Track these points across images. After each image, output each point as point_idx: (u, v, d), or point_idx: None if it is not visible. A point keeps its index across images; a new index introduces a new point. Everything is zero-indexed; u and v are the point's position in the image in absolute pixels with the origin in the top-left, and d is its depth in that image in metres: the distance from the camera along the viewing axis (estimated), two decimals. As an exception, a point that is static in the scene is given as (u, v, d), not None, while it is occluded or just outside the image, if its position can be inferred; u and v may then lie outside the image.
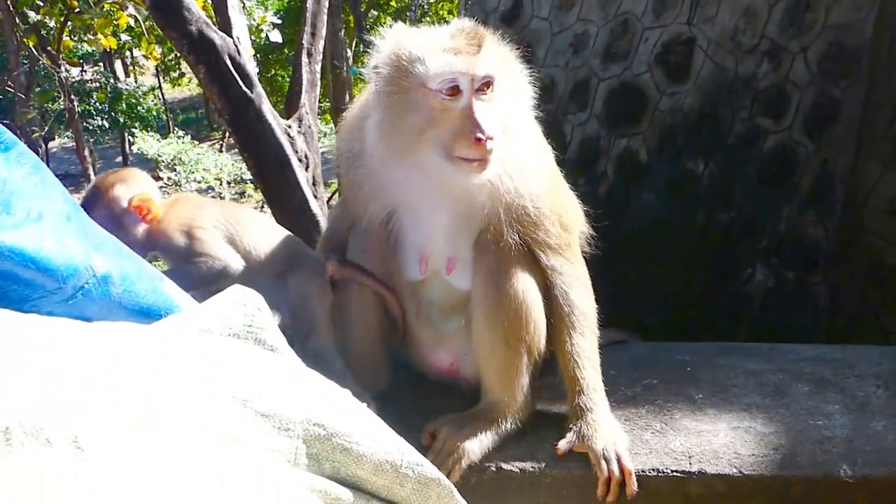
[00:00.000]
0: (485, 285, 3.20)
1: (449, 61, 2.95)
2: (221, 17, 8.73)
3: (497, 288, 3.17)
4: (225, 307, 2.23)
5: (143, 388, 1.81)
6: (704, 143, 6.34)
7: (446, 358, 3.52)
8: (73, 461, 1.55)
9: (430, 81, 2.95)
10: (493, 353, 3.22)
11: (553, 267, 3.29)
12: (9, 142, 2.24)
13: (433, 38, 3.05)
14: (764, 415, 3.26)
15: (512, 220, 3.19)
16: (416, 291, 3.44)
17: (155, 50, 15.89)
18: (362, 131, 3.26)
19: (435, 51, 2.98)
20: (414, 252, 3.35)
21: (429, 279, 3.37)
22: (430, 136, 3.00)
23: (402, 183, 3.23)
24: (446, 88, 2.95)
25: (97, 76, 29.76)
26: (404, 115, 3.01)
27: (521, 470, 3.14)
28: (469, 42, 2.99)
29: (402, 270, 3.41)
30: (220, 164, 26.08)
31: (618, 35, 6.87)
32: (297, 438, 1.95)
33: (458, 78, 2.95)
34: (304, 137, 9.08)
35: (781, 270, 6.17)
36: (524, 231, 3.22)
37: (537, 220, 3.24)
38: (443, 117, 2.98)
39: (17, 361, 1.73)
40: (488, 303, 3.19)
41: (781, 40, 6.13)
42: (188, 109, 43.49)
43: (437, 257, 3.32)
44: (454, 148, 2.99)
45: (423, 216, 3.29)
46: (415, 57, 2.98)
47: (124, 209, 3.37)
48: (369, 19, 29.48)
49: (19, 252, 1.97)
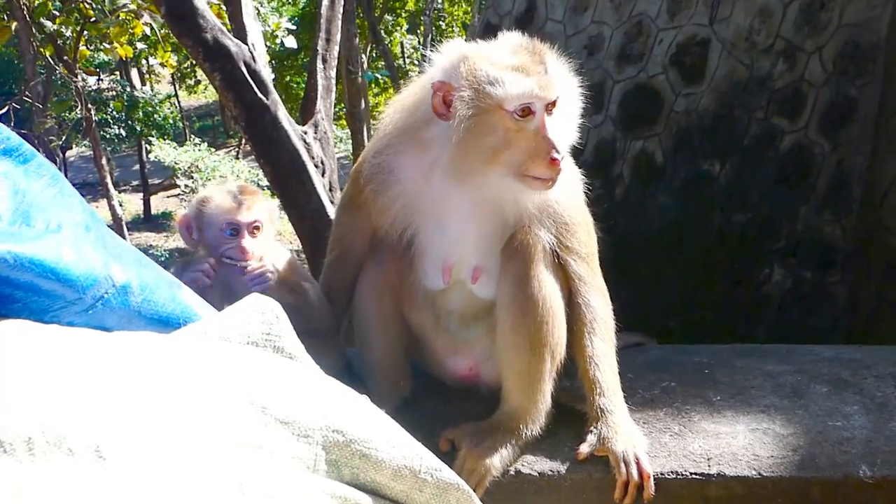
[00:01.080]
0: (511, 290, 3.19)
1: (526, 84, 2.94)
2: (236, 24, 8.77)
3: (524, 293, 3.16)
4: (243, 316, 2.25)
5: (162, 396, 1.83)
6: (720, 144, 6.33)
7: (465, 364, 3.52)
8: (95, 470, 1.56)
9: (506, 103, 2.93)
10: (517, 358, 3.21)
11: (580, 275, 3.29)
12: (27, 153, 2.26)
13: (500, 57, 3.01)
14: (782, 416, 3.26)
15: (550, 227, 3.21)
16: (436, 301, 3.42)
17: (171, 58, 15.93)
18: (401, 146, 3.26)
19: (508, 71, 2.96)
20: (436, 262, 3.33)
21: (450, 289, 3.36)
22: (504, 157, 2.98)
23: (437, 197, 3.22)
24: (520, 109, 2.95)
25: (114, 85, 29.85)
26: (480, 137, 2.97)
27: (540, 473, 3.14)
28: (535, 60, 2.99)
29: (421, 280, 3.40)
30: (237, 170, 26.14)
31: (632, 37, 6.86)
32: (317, 445, 1.96)
33: (534, 100, 2.95)
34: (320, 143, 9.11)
35: (799, 271, 6.15)
36: (559, 238, 3.23)
37: (573, 228, 3.26)
38: (518, 138, 2.97)
39: (39, 372, 1.74)
40: (515, 307, 3.19)
41: (796, 40, 6.12)
42: (204, 117, 43.60)
43: (462, 267, 3.31)
44: (529, 168, 2.99)
45: (450, 227, 3.27)
46: (491, 78, 2.95)
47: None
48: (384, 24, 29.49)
49: (39, 263, 1.98)
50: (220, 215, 3.43)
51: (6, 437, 1.49)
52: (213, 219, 3.43)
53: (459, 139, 2.98)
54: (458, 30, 31.07)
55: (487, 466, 3.12)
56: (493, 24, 7.71)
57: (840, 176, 5.98)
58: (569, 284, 3.31)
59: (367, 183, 3.34)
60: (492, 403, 3.34)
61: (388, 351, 3.52)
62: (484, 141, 2.98)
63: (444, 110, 3.03)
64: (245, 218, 3.43)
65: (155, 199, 32.40)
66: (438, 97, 3.03)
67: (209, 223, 3.44)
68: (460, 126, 2.96)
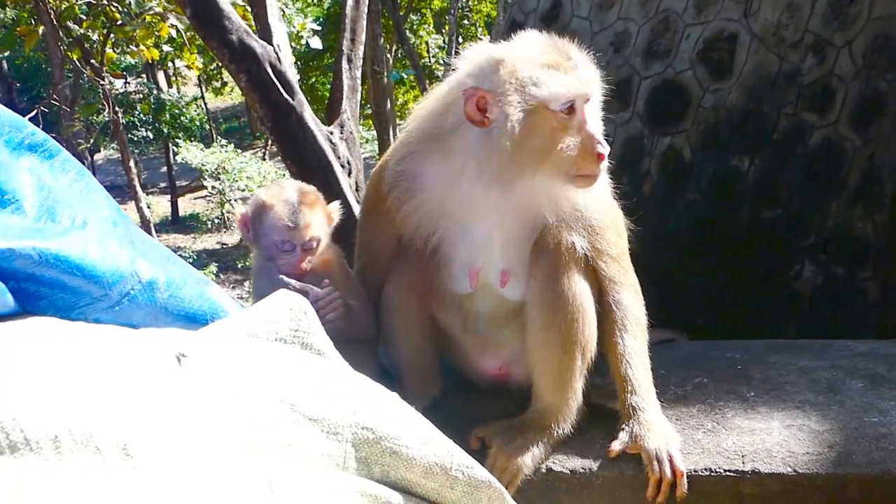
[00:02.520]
0: (541, 288, 3.17)
1: (567, 81, 2.94)
2: (261, 25, 8.78)
3: (554, 291, 3.14)
4: (271, 312, 2.24)
5: (190, 394, 1.81)
6: (749, 140, 6.27)
7: (495, 363, 3.51)
8: (122, 468, 1.55)
9: (552, 103, 2.92)
10: (548, 356, 3.19)
11: (610, 275, 3.29)
12: (52, 149, 2.26)
13: (534, 57, 3.00)
14: (818, 412, 3.22)
15: (578, 229, 3.20)
16: (463, 304, 3.41)
17: (197, 60, 16.02)
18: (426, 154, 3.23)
19: (546, 70, 2.95)
20: (462, 267, 3.31)
21: (477, 292, 3.34)
22: (554, 157, 2.97)
23: (463, 203, 3.20)
24: (566, 108, 2.94)
25: (140, 87, 30.04)
26: (529, 140, 2.95)
27: (572, 471, 3.12)
28: (565, 57, 3.00)
29: (448, 284, 3.38)
30: (264, 171, 26.23)
31: (659, 33, 6.82)
32: (346, 442, 1.95)
33: (577, 97, 2.95)
34: (346, 143, 9.11)
35: (830, 267, 6.09)
36: (588, 240, 3.22)
37: (601, 229, 3.25)
38: (563, 136, 2.96)
39: (65, 370, 1.73)
40: (545, 306, 3.17)
41: (825, 34, 6.05)
42: (231, 118, 43.81)
43: (490, 271, 3.29)
44: (578, 166, 3.00)
45: (476, 232, 3.25)
46: (534, 79, 2.94)
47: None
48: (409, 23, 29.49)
49: (65, 259, 1.98)
50: (276, 232, 3.38)
51: (33, 436, 1.48)
52: (269, 231, 3.39)
53: (509, 144, 2.94)
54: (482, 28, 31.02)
55: (519, 465, 3.10)
56: (518, 21, 7.68)
57: (871, 171, 5.91)
58: (599, 282, 3.29)
59: (390, 190, 3.30)
60: (522, 401, 3.32)
61: (416, 350, 3.51)
62: (533, 143, 2.96)
63: (479, 117, 3.00)
64: (300, 238, 3.38)
65: (182, 200, 32.58)
66: (472, 104, 3.00)
67: (265, 234, 3.40)
68: (510, 131, 2.93)
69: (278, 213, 3.36)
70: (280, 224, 3.35)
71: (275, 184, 3.63)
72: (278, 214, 3.36)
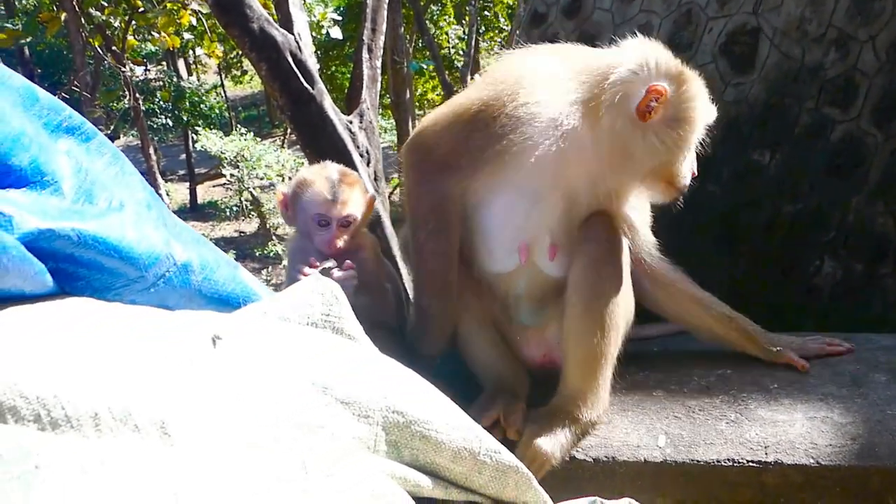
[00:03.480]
0: (585, 272, 3.21)
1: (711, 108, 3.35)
2: (282, 14, 8.77)
3: (599, 275, 3.18)
4: (303, 296, 2.26)
5: (225, 375, 1.84)
6: (770, 134, 6.25)
7: (539, 351, 3.51)
8: (161, 447, 1.57)
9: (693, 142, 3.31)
10: (584, 341, 3.21)
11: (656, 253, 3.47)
12: (89, 132, 2.29)
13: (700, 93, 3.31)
14: (841, 405, 3.23)
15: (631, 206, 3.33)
16: (503, 285, 3.43)
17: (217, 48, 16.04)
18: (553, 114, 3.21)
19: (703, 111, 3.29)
20: (511, 242, 3.32)
21: (520, 269, 3.35)
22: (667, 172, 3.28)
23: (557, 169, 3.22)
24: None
25: (160, 75, 30.04)
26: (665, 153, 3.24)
27: (595, 460, 3.14)
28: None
29: (488, 263, 3.40)
30: (282, 160, 26.18)
31: (681, 26, 6.80)
32: (377, 425, 1.97)
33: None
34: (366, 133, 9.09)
35: (850, 262, 6.08)
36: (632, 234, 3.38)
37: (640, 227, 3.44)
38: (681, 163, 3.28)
39: (103, 349, 1.76)
40: (588, 290, 3.20)
41: (849, 28, 6.03)
42: (250, 107, 43.77)
43: (540, 245, 3.31)
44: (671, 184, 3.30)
45: (528, 206, 3.27)
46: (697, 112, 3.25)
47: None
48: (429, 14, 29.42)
49: (103, 241, 2.00)
50: (313, 206, 3.45)
51: (73, 413, 1.50)
52: (306, 206, 3.45)
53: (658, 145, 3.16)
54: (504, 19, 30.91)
55: (548, 455, 3.11)
56: (541, 13, 7.66)
57: (893, 166, 5.89)
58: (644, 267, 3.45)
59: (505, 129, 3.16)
60: (546, 388, 3.33)
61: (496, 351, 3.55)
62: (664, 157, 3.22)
63: (647, 111, 3.13)
64: (337, 214, 3.45)
65: (201, 188, 32.59)
66: (651, 99, 3.11)
67: (302, 209, 3.46)
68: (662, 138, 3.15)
69: (318, 188, 3.44)
70: (318, 198, 3.42)
71: (319, 164, 3.70)
72: (317, 188, 3.44)
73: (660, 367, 3.65)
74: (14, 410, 1.43)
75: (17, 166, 1.95)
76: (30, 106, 2.14)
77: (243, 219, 28.99)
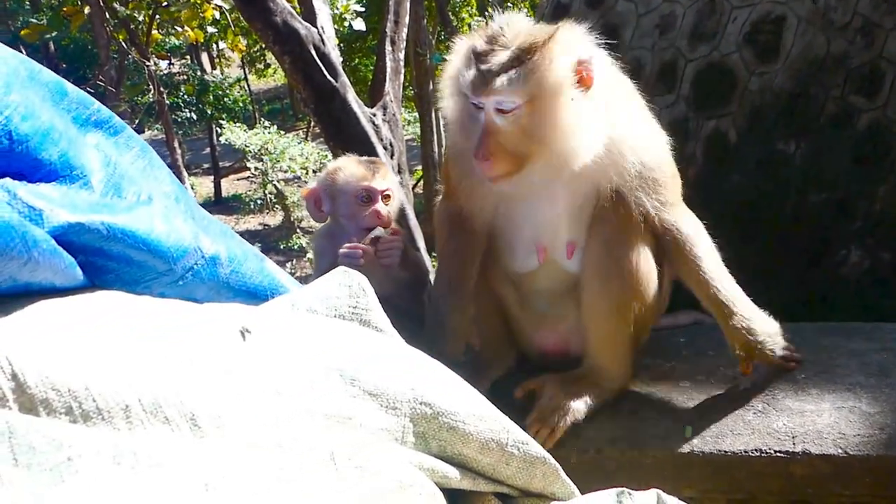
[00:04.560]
0: (598, 253, 3.21)
1: None
2: (305, 7, 8.82)
3: (611, 255, 3.18)
4: (330, 289, 2.27)
5: (254, 366, 1.85)
6: (796, 123, 6.23)
7: (552, 338, 3.53)
8: (192, 439, 1.59)
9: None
10: (603, 319, 3.25)
11: (674, 220, 3.31)
12: (117, 126, 2.30)
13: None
14: (869, 395, 3.21)
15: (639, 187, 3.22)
16: (523, 282, 3.45)
17: (240, 42, 16.14)
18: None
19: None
20: (528, 243, 3.34)
21: (539, 268, 3.37)
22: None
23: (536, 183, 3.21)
24: None
25: (184, 69, 30.24)
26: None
27: (622, 451, 3.14)
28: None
29: (509, 263, 3.42)
30: (306, 153, 26.24)
31: (705, 15, 6.77)
32: (405, 417, 1.98)
33: None
34: (389, 125, 9.14)
35: (877, 252, 6.05)
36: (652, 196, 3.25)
37: (663, 183, 3.29)
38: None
39: (133, 341, 1.77)
40: (602, 270, 3.21)
41: (874, 17, 5.99)
42: (273, 100, 43.89)
43: (557, 244, 3.32)
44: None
45: (540, 207, 3.28)
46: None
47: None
48: (451, 6, 29.36)
49: (132, 234, 2.01)
50: (354, 182, 3.56)
51: (104, 405, 1.51)
52: (346, 186, 3.55)
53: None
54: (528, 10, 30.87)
55: (571, 408, 3.18)
56: (564, 3, 7.65)
57: (920, 155, 5.86)
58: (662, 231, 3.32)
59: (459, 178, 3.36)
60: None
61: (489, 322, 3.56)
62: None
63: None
64: (379, 185, 3.57)
65: (225, 181, 32.74)
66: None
67: (342, 190, 3.55)
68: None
69: (354, 169, 3.59)
70: (358, 174, 3.56)
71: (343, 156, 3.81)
72: (354, 169, 3.59)
73: (686, 359, 3.64)
74: (46, 403, 1.44)
75: (47, 160, 1.96)
76: (59, 100, 2.15)
77: (267, 212, 29.11)
